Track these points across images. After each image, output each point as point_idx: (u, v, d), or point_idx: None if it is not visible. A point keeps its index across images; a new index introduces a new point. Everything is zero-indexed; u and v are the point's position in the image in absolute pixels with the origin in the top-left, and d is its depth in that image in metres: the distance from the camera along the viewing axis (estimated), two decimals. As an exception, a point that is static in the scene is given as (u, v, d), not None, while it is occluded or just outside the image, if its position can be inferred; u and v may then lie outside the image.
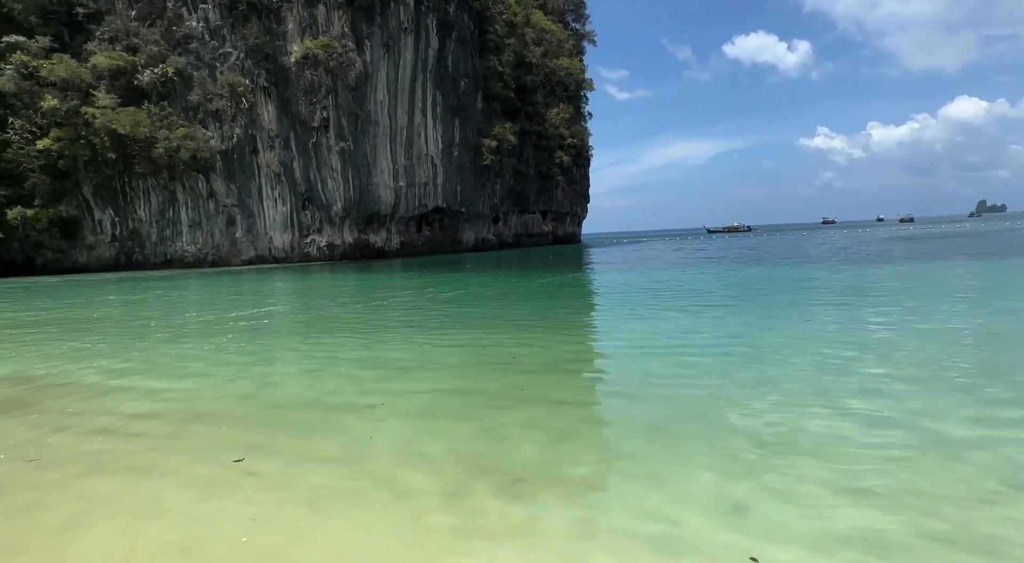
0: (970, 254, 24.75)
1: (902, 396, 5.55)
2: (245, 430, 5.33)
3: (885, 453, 4.22)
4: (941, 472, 3.88)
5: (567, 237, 74.79)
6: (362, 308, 15.75)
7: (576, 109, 73.05)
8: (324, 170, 47.57)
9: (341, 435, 5.08)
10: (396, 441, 4.89)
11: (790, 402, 5.51)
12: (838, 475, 3.87)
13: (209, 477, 4.24)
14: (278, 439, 5.03)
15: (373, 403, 5.97)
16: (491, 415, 5.52)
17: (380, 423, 5.35)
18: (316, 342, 10.55)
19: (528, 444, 4.69)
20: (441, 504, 3.68)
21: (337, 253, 49.93)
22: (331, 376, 7.52)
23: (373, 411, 5.70)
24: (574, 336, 10.46)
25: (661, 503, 3.58)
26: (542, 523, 3.42)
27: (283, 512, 3.63)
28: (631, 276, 22.44)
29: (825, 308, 11.48)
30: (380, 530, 3.39)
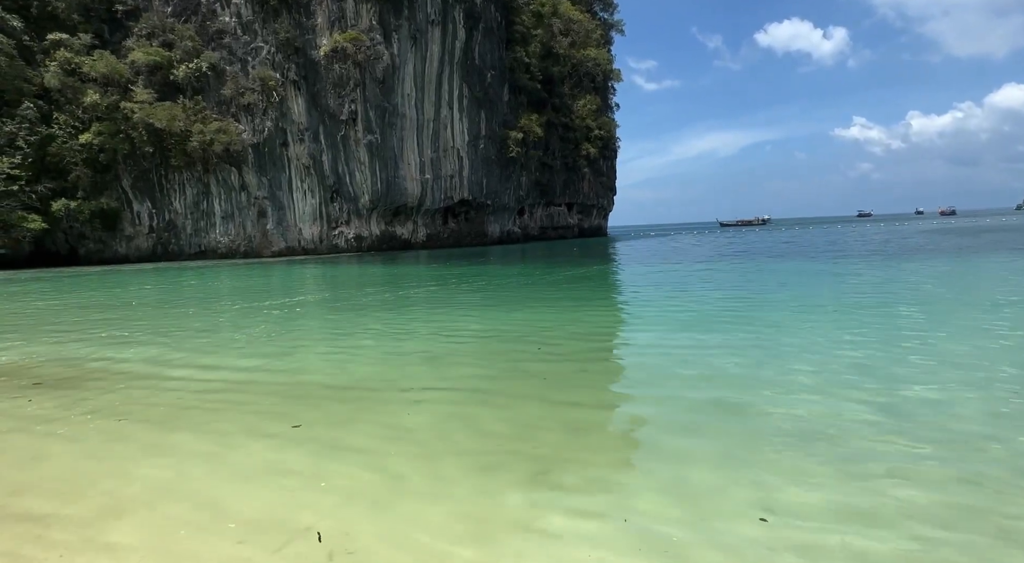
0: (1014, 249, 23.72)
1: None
2: (292, 404, 5.87)
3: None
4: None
5: (593, 230, 74.28)
6: (390, 297, 15.98)
7: (603, 100, 72.22)
8: (352, 163, 48.19)
9: (379, 415, 5.48)
10: (429, 423, 5.17)
11: (821, 397, 5.42)
12: (845, 460, 3.81)
13: (275, 435, 4.90)
14: (320, 415, 5.53)
15: (408, 388, 6.34)
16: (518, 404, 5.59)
17: (416, 406, 5.69)
18: (348, 330, 10.86)
19: (552, 432, 4.76)
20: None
21: (364, 245, 50.63)
22: (365, 361, 7.91)
23: (408, 395, 6.07)
24: (595, 326, 10.43)
25: (675, 491, 3.59)
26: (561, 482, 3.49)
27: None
28: (653, 270, 22.22)
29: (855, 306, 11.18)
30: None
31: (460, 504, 3.58)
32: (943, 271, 17.17)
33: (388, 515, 3.45)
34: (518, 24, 57.62)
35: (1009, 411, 4.90)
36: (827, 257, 24.30)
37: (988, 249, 24.51)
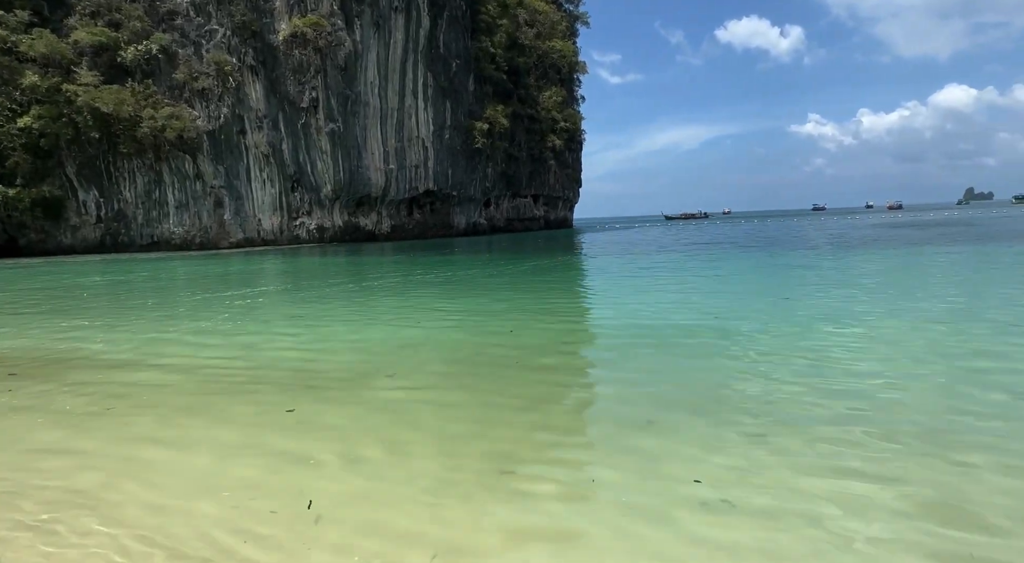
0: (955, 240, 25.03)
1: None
2: (279, 392, 5.93)
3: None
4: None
5: (559, 222, 74.66)
6: (356, 288, 15.71)
7: (569, 92, 72.40)
8: (313, 152, 46.99)
9: (359, 399, 5.67)
10: (407, 404, 5.33)
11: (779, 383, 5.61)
12: (812, 449, 3.96)
13: (271, 420, 5.07)
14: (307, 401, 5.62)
15: (390, 374, 6.41)
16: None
17: (392, 384, 5.99)
18: (315, 320, 10.74)
19: (520, 412, 4.78)
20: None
21: (327, 236, 49.57)
22: (336, 350, 7.94)
23: (391, 380, 6.21)
24: (560, 314, 10.51)
25: (635, 463, 3.66)
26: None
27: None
28: (615, 260, 22.53)
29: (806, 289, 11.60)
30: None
31: (439, 470, 3.87)
32: (894, 265, 17.98)
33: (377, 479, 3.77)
34: (483, 14, 57.07)
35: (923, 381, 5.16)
36: (778, 248, 25.10)
37: (937, 241, 25.79)
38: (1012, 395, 4.93)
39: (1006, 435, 4.10)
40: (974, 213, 69.20)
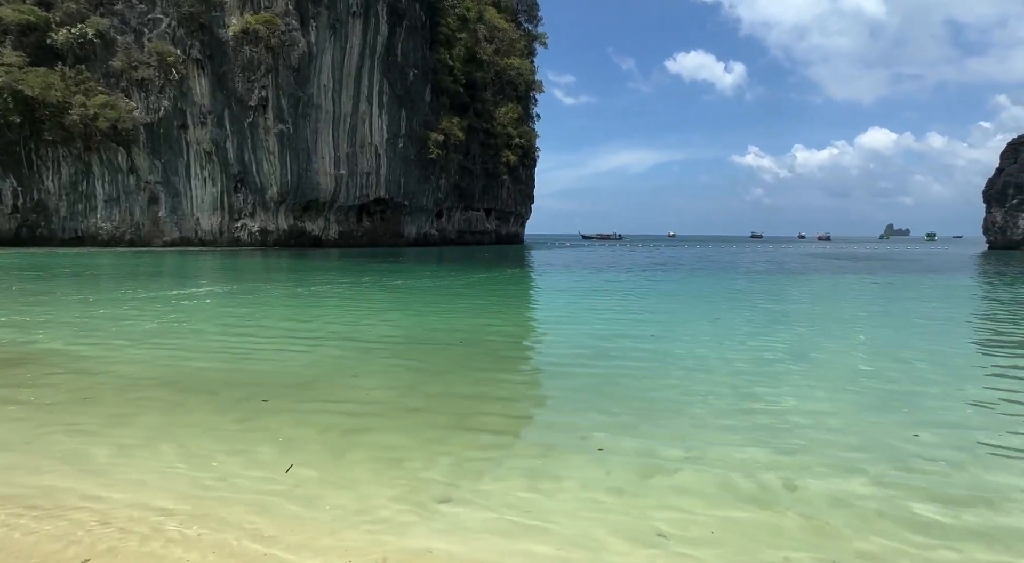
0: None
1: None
2: (244, 388, 5.91)
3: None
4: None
5: (510, 236, 75.05)
6: (304, 292, 15.16)
7: (525, 110, 73.40)
8: (260, 152, 45.37)
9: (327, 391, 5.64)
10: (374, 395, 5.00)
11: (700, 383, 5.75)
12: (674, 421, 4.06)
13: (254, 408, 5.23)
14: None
15: (354, 374, 6.47)
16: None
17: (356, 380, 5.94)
18: (261, 320, 10.49)
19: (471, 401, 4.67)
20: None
21: (270, 239, 47.77)
22: (282, 352, 7.72)
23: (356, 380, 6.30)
24: (508, 327, 10.49)
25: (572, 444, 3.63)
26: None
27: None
28: (564, 277, 22.82)
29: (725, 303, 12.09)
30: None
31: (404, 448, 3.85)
32: (820, 290, 19.05)
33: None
34: (443, 26, 57.24)
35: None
36: (721, 272, 26.14)
37: (861, 270, 27.57)
38: (905, 406, 5.26)
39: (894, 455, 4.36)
40: (892, 248, 74.75)
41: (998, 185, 71.18)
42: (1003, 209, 69.92)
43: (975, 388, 6.16)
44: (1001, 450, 4.31)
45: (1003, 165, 71.20)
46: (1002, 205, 70.13)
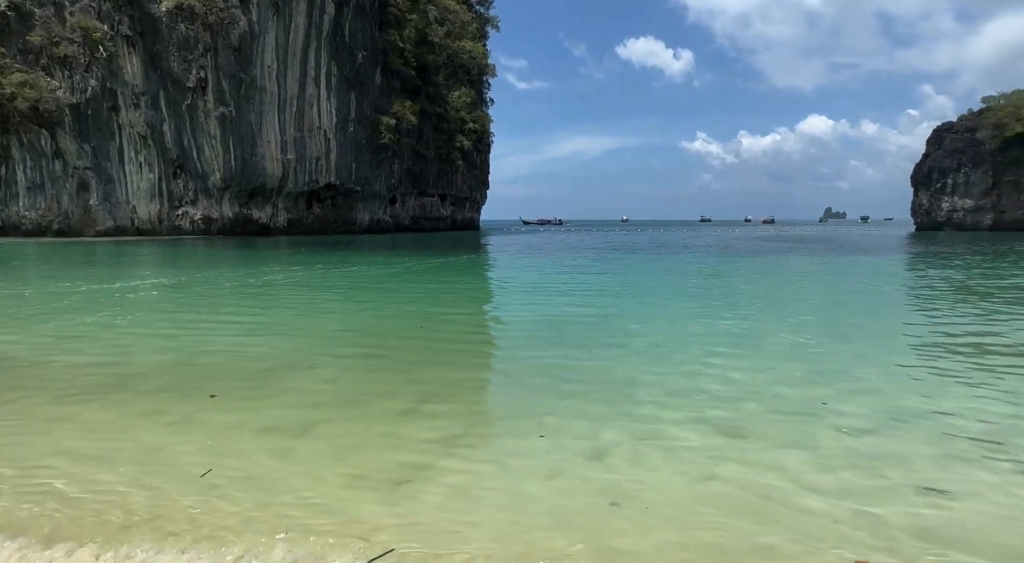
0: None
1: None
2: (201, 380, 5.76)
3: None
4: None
5: (466, 222, 74.60)
6: (255, 282, 14.64)
7: (478, 94, 72.64)
8: (200, 136, 43.21)
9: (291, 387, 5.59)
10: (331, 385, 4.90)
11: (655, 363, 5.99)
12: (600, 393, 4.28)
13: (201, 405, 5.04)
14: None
15: (313, 365, 6.32)
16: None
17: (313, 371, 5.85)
18: (212, 313, 10.13)
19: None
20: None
21: (214, 228, 45.79)
22: (242, 341, 7.49)
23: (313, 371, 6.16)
24: (467, 311, 10.52)
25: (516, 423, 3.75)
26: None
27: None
28: (520, 260, 22.97)
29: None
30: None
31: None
32: (764, 269, 19.91)
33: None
34: (392, 6, 55.67)
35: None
36: (674, 254, 26.91)
37: (802, 250, 28.95)
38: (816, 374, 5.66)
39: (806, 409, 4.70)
40: (831, 230, 78.75)
41: (924, 170, 75.83)
42: (928, 192, 74.62)
43: (894, 359, 6.65)
44: (906, 416, 4.70)
45: (928, 151, 75.82)
46: (928, 188, 74.83)
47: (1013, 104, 67.29)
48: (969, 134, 69.96)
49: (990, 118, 67.91)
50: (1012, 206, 67.70)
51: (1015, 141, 65.73)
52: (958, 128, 72.38)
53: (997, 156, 67.40)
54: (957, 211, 71.38)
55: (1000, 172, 67.67)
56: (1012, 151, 66.41)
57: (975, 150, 69.18)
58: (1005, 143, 66.23)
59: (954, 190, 71.96)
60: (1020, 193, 67.32)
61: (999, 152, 67.11)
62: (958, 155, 71.25)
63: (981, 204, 69.28)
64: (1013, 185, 67.38)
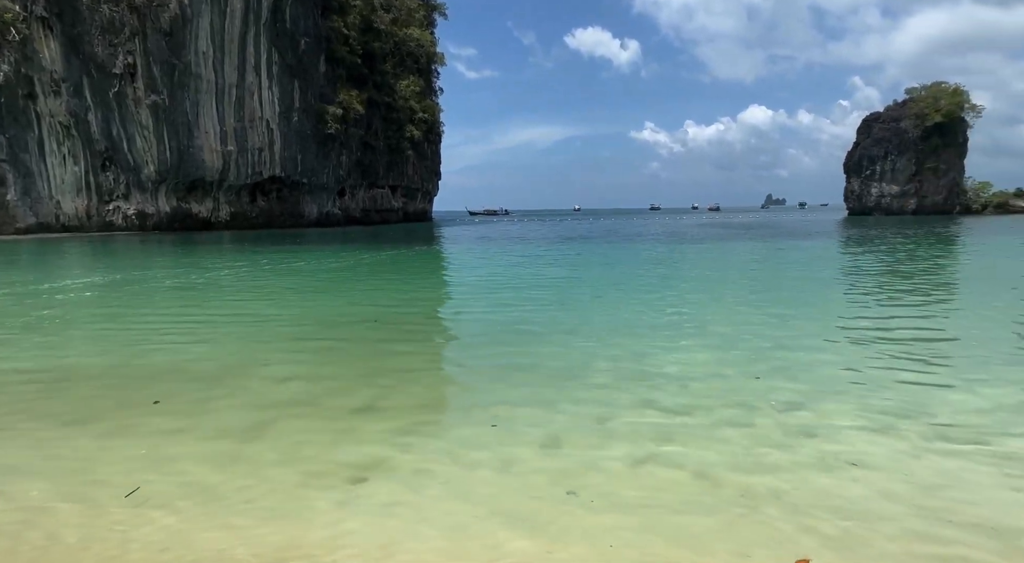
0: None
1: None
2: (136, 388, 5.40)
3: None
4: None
5: (418, 214, 73.61)
6: (198, 280, 13.99)
7: (427, 83, 71.46)
8: (131, 126, 40.76)
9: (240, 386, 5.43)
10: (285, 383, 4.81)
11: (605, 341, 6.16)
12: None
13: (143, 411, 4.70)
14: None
15: (262, 364, 6.17)
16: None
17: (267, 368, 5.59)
18: (153, 313, 9.60)
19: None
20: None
21: (150, 223, 43.44)
22: (186, 341, 7.23)
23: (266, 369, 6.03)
24: (420, 305, 10.44)
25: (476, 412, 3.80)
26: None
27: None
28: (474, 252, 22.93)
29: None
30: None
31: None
32: (713, 253, 20.63)
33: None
34: (335, -9, 53.86)
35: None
36: (627, 241, 27.47)
37: (745, 237, 30.12)
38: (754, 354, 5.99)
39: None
40: (772, 216, 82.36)
41: (855, 157, 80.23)
42: (859, 179, 79.06)
43: (827, 336, 7.07)
44: (835, 388, 5.03)
45: (859, 140, 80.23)
46: (858, 175, 79.26)
47: (932, 95, 72.00)
48: (895, 123, 74.40)
49: (913, 109, 72.43)
50: (932, 191, 72.64)
51: (935, 130, 70.43)
52: (885, 118, 76.84)
53: (919, 144, 72.03)
54: (885, 196, 75.95)
55: (922, 159, 72.38)
56: (932, 139, 71.13)
57: (900, 138, 73.68)
58: (926, 132, 70.86)
59: (882, 177, 76.48)
60: (939, 179, 72.28)
61: (921, 140, 71.74)
62: (885, 143, 75.69)
63: (906, 190, 73.95)
64: (933, 171, 72.24)
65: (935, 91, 72.20)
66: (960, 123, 71.06)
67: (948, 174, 72.00)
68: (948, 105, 69.80)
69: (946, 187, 71.95)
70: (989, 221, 49.22)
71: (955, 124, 70.52)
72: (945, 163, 71.78)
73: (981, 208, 69.77)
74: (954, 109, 69.89)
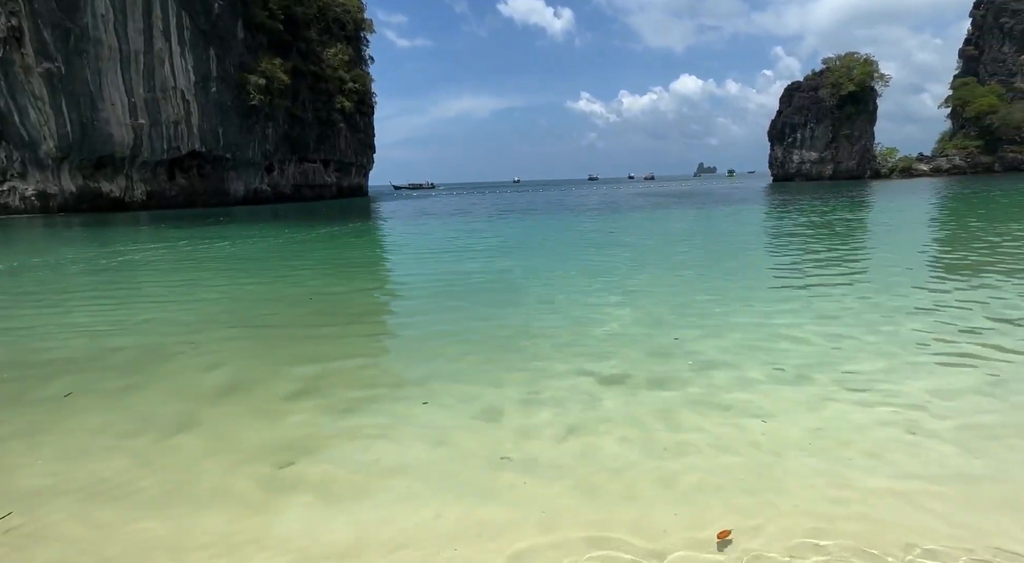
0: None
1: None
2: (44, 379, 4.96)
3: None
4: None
5: (353, 189, 71.23)
6: (112, 262, 12.96)
7: (356, 51, 68.36)
8: (22, 97, 36.84)
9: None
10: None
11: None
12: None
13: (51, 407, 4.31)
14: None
15: (186, 351, 5.87)
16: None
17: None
18: (69, 298, 8.86)
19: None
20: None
21: (54, 205, 39.84)
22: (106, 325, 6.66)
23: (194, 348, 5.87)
24: (357, 279, 10.20)
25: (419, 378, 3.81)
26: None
27: None
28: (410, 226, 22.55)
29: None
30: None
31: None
32: (649, 219, 21.20)
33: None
34: (250, -51, 50.03)
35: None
36: (565, 212, 27.75)
37: (680, 204, 31.12)
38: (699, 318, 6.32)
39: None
40: (704, 184, 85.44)
41: (778, 125, 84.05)
42: (782, 146, 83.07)
43: (748, 296, 7.50)
44: (746, 348, 5.38)
45: (781, 108, 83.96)
46: (782, 143, 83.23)
47: (846, 65, 76.10)
48: (813, 92, 78.30)
49: (829, 78, 76.37)
50: (846, 158, 77.49)
51: (849, 98, 74.73)
52: (804, 87, 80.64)
53: (835, 112, 76.32)
54: (805, 163, 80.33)
55: (838, 126, 76.86)
56: (847, 108, 75.51)
57: (818, 107, 77.74)
58: (841, 100, 75.09)
59: (802, 144, 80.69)
60: (852, 145, 77.12)
61: (836, 108, 76.00)
62: (805, 111, 79.66)
63: (824, 156, 78.49)
64: (847, 138, 76.95)
65: (848, 61, 76.29)
66: (870, 92, 75.71)
67: (860, 141, 76.92)
68: (860, 75, 74.06)
69: (859, 153, 76.92)
70: (895, 184, 53.19)
71: (866, 93, 75.09)
72: (858, 130, 76.58)
73: (888, 173, 75.25)
74: (865, 78, 74.29)
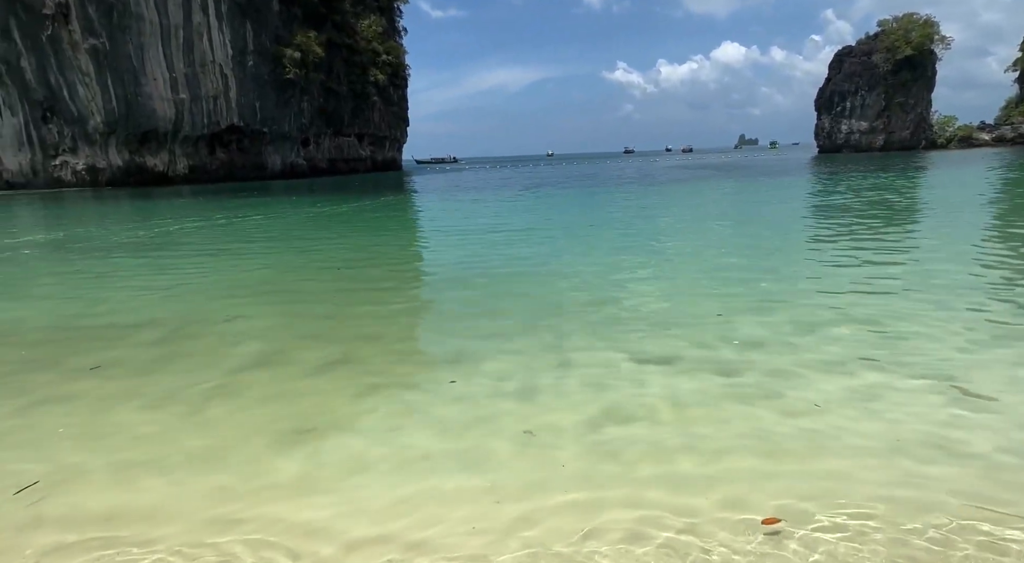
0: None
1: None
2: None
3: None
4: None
5: (387, 163, 71.49)
6: (154, 236, 13.36)
7: (389, 22, 67.72)
8: (70, 72, 37.93)
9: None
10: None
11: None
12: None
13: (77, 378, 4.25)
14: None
15: (218, 322, 5.91)
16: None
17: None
18: (115, 271, 9.16)
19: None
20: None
21: (103, 178, 41.30)
22: (155, 298, 6.83)
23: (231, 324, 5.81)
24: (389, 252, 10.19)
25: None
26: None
27: None
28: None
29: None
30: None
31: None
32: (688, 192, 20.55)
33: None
34: (284, -81, 49.64)
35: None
36: (601, 186, 27.17)
37: (721, 177, 30.08)
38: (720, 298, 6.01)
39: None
40: (745, 156, 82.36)
41: (826, 94, 79.83)
42: (830, 116, 79.00)
43: (789, 272, 7.11)
44: (799, 329, 5.07)
45: (830, 75, 79.57)
46: (829, 112, 79.15)
47: (903, 27, 71.20)
48: (866, 58, 73.75)
49: (884, 42, 71.71)
50: (899, 127, 73.21)
51: (905, 64, 70.11)
52: (856, 52, 76.04)
53: (889, 79, 71.83)
54: (854, 133, 76.31)
55: (892, 94, 72.43)
56: (902, 73, 70.94)
57: (871, 73, 73.27)
58: (896, 66, 70.54)
59: (851, 113, 76.52)
60: (907, 114, 72.69)
61: (891, 75, 71.50)
62: (856, 78, 75.26)
63: (875, 125, 74.33)
64: (901, 107, 72.53)
65: (906, 23, 71.37)
66: (929, 56, 70.84)
67: (915, 109, 72.43)
68: (919, 38, 69.28)
69: (913, 122, 72.52)
70: (953, 155, 50.02)
71: (924, 57, 70.29)
72: (913, 98, 72.04)
73: (946, 143, 70.68)
74: (924, 41, 69.47)
